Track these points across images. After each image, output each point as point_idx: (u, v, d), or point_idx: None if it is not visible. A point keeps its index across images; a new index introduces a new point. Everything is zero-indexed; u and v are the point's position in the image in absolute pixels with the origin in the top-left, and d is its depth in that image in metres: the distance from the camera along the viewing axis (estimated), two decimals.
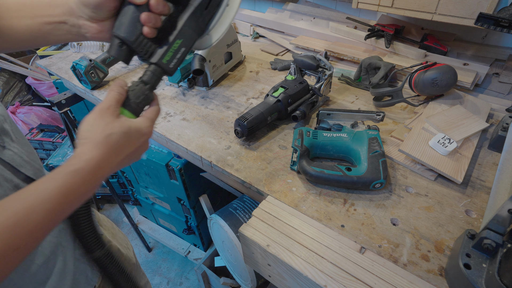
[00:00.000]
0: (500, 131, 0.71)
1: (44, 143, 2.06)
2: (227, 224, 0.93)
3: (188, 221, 1.51)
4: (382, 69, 0.91)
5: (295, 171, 0.68)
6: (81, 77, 1.03)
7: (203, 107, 0.93)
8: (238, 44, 1.11)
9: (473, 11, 0.78)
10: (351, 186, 0.62)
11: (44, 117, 2.30)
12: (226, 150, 0.76)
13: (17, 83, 2.52)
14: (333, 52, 1.13)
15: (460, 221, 0.57)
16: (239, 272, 1.05)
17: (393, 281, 0.48)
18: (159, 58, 0.45)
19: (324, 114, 0.75)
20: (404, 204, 0.61)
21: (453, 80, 0.79)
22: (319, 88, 0.87)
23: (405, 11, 0.89)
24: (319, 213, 0.59)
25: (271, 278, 0.60)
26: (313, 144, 0.68)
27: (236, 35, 1.08)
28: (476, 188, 0.64)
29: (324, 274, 0.49)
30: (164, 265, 1.73)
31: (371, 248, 0.53)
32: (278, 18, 1.39)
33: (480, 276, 0.43)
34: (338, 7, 1.30)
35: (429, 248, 0.53)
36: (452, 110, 0.79)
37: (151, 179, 1.38)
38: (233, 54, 1.09)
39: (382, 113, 0.72)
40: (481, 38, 1.04)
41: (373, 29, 1.09)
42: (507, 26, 0.69)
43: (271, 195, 0.64)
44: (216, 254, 1.36)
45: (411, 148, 0.68)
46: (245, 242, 0.58)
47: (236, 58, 1.13)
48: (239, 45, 1.12)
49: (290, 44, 1.27)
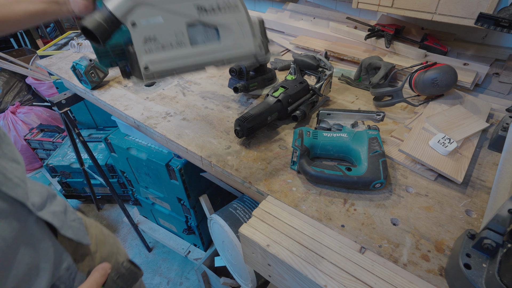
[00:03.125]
0: (500, 131, 0.71)
1: (44, 143, 2.06)
2: (227, 224, 0.94)
3: (188, 221, 1.51)
4: (382, 69, 0.91)
5: (295, 171, 0.68)
6: (81, 77, 1.03)
7: (203, 107, 0.93)
8: (245, 21, 0.55)
9: (473, 11, 0.78)
10: (351, 186, 0.62)
11: (44, 117, 2.30)
12: (226, 150, 0.76)
13: (17, 83, 2.52)
14: (333, 52, 1.13)
15: (460, 221, 0.57)
16: (239, 272, 1.05)
17: (393, 281, 0.48)
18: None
19: (324, 114, 0.75)
20: (404, 204, 0.61)
21: (453, 80, 0.79)
22: (319, 88, 0.87)
23: (405, 11, 0.89)
24: (319, 213, 0.59)
25: (271, 278, 0.60)
26: (313, 144, 0.68)
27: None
28: (476, 188, 0.64)
29: (324, 274, 0.49)
30: (164, 265, 1.73)
31: (371, 248, 0.53)
32: (278, 18, 1.39)
33: (480, 276, 0.43)
34: (338, 7, 1.30)
35: (429, 248, 0.53)
36: (452, 110, 0.79)
37: (151, 179, 1.38)
38: (223, 34, 0.54)
39: (382, 113, 0.72)
40: (481, 38, 1.04)
41: (373, 29, 1.09)
42: (507, 26, 0.69)
43: (271, 195, 0.64)
44: (216, 254, 1.36)
45: (411, 148, 0.68)
46: (245, 242, 0.58)
47: (234, 46, 0.56)
48: (247, 24, 0.55)
49: (290, 44, 1.27)
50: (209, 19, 0.51)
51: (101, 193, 1.99)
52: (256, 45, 0.56)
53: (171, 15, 0.48)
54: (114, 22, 0.45)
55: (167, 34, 0.49)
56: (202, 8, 0.50)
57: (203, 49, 0.52)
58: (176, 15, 0.49)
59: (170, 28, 0.49)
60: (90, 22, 0.44)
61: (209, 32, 0.53)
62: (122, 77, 0.63)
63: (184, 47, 0.51)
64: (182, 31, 0.50)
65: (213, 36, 0.53)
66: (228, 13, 0.52)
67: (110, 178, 1.82)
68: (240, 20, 0.53)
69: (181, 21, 0.49)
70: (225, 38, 0.53)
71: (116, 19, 0.45)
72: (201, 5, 0.49)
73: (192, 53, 0.52)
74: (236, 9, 0.52)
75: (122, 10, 0.45)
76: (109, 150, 1.42)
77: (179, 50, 0.51)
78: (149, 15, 0.47)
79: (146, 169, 1.33)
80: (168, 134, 0.82)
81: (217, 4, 0.50)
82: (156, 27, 0.48)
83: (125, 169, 1.45)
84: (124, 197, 1.94)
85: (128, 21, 0.46)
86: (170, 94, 1.00)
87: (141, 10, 0.46)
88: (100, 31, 0.44)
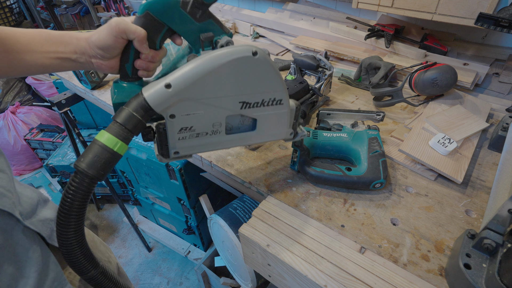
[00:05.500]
0: (500, 131, 0.71)
1: (44, 143, 2.06)
2: (227, 224, 0.93)
3: (188, 221, 1.51)
4: (382, 69, 0.91)
5: (295, 171, 0.68)
6: (81, 77, 1.03)
7: None
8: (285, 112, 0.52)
9: (473, 11, 0.78)
10: (351, 186, 0.62)
11: (44, 117, 2.30)
12: (226, 150, 0.76)
13: (17, 83, 2.52)
14: (333, 52, 1.13)
15: (460, 221, 0.57)
16: (239, 272, 1.05)
17: (393, 281, 0.48)
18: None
19: (324, 114, 0.75)
20: (404, 204, 0.61)
21: (453, 80, 0.79)
22: (319, 88, 0.87)
23: (405, 11, 0.89)
24: (319, 213, 0.59)
25: (271, 278, 0.60)
26: (313, 144, 0.68)
27: (285, 94, 0.51)
28: (476, 188, 0.64)
29: (324, 274, 0.49)
30: (164, 265, 1.73)
31: (371, 248, 0.53)
32: (278, 18, 1.39)
33: (480, 276, 0.43)
34: (338, 7, 1.30)
35: (429, 248, 0.53)
36: (452, 110, 0.79)
37: (151, 179, 1.38)
38: (260, 124, 0.52)
39: (382, 113, 0.72)
40: (481, 38, 1.04)
41: (373, 29, 1.09)
42: (507, 26, 0.69)
43: (271, 195, 0.64)
44: (216, 254, 1.36)
45: (411, 148, 0.68)
46: (245, 242, 0.58)
47: (268, 134, 0.54)
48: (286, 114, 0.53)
49: (290, 44, 1.27)
50: (249, 113, 0.48)
51: (101, 193, 1.99)
52: (288, 133, 0.55)
53: (213, 108, 0.45)
54: (149, 113, 0.40)
55: (204, 125, 0.46)
56: (246, 103, 0.47)
57: (235, 136, 0.51)
58: (219, 109, 0.46)
59: (210, 120, 0.46)
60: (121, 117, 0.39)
61: (246, 121, 0.51)
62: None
63: (219, 135, 0.49)
64: (220, 122, 0.47)
65: (249, 125, 0.51)
66: (271, 107, 0.49)
67: (110, 178, 1.82)
68: (280, 112, 0.51)
69: (222, 114, 0.47)
70: (261, 127, 0.51)
71: (152, 111, 0.40)
72: (246, 101, 0.47)
73: (225, 140, 0.50)
74: (280, 105, 0.50)
75: (164, 106, 0.41)
76: None
77: (213, 138, 0.49)
78: (191, 109, 0.43)
79: (146, 169, 1.33)
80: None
81: (262, 100, 0.48)
82: (195, 118, 0.45)
83: (125, 169, 1.45)
84: (124, 197, 1.94)
85: (167, 113, 0.42)
86: None
87: (183, 105, 0.42)
88: (132, 125, 0.39)
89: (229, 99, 0.45)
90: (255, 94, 0.47)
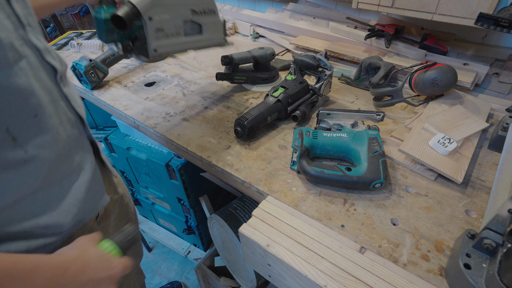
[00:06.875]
0: (500, 131, 0.71)
1: None
2: (227, 224, 0.94)
3: (188, 221, 1.51)
4: (382, 69, 0.91)
5: (295, 171, 0.68)
6: (81, 77, 1.03)
7: (203, 107, 0.93)
8: (218, 21, 0.80)
9: (473, 11, 0.78)
10: (351, 186, 0.62)
11: None
12: (226, 150, 0.76)
13: None
14: (333, 52, 1.13)
15: (460, 221, 0.57)
16: (239, 272, 1.05)
17: (393, 281, 0.48)
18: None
19: (324, 114, 0.75)
20: (404, 204, 0.61)
21: (453, 80, 0.79)
22: (319, 88, 0.87)
23: (405, 11, 0.89)
24: (319, 213, 0.59)
25: (271, 278, 0.60)
26: (313, 144, 0.68)
27: (216, 6, 0.77)
28: (476, 188, 0.64)
29: (324, 274, 0.49)
30: (164, 265, 1.73)
31: (371, 248, 0.53)
32: (278, 18, 1.39)
33: (480, 276, 0.43)
34: (338, 7, 1.30)
35: (429, 248, 0.53)
36: (452, 110, 0.79)
37: (151, 179, 1.38)
38: (204, 29, 0.77)
39: (382, 113, 0.72)
40: (481, 38, 1.04)
41: (373, 29, 1.09)
42: (507, 26, 0.69)
43: (271, 195, 0.64)
44: (216, 254, 1.36)
45: (411, 148, 0.68)
46: (245, 242, 0.58)
47: (211, 38, 0.80)
48: (219, 23, 0.81)
49: (290, 44, 1.27)
50: (197, 19, 0.74)
51: None
52: (222, 38, 0.83)
53: (174, 14, 0.68)
54: (136, 15, 0.62)
55: (170, 27, 0.69)
56: (194, 11, 0.72)
57: (191, 38, 0.75)
58: (178, 14, 0.69)
59: (173, 23, 0.69)
60: (122, 13, 0.60)
61: (195, 27, 0.75)
62: (123, 57, 0.90)
63: (180, 36, 0.72)
64: (180, 25, 0.71)
65: (198, 30, 0.76)
66: (209, 15, 0.76)
67: None
68: (215, 21, 0.78)
69: (180, 18, 0.70)
70: (205, 32, 0.77)
71: (138, 13, 0.62)
72: (194, 9, 0.72)
73: (184, 41, 0.73)
74: (214, 14, 0.77)
75: (145, 7, 0.63)
76: (109, 150, 1.41)
77: (177, 39, 0.71)
78: (161, 13, 0.65)
79: (146, 169, 1.33)
80: (168, 134, 0.82)
81: (203, 9, 0.74)
82: (164, 21, 0.67)
83: (125, 169, 1.45)
84: None
85: (146, 15, 0.63)
86: (170, 94, 1.00)
87: (156, 9, 0.64)
88: (128, 19, 0.60)
89: (184, 7, 0.70)
90: (199, 5, 0.72)
